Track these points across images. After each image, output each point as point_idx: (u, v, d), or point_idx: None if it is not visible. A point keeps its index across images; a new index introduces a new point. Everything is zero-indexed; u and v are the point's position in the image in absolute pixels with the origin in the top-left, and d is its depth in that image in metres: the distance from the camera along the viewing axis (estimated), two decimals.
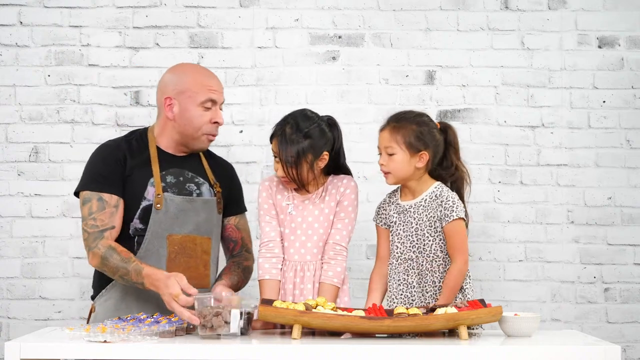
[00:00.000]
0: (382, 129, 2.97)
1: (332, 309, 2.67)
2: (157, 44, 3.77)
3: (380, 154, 2.97)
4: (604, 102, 3.78)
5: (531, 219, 3.77)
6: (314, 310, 2.63)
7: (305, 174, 2.96)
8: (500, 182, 3.78)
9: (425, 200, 2.95)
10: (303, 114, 3.01)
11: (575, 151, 3.77)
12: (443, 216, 2.90)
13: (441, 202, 2.92)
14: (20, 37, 3.75)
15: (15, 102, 3.75)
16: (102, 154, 3.01)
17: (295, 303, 2.68)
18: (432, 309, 2.67)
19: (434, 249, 2.92)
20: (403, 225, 2.96)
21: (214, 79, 3.03)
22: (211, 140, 3.05)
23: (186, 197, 2.98)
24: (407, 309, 2.66)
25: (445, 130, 3.01)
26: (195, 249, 2.96)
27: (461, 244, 2.90)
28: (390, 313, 2.67)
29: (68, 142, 3.74)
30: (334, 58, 3.79)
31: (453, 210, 2.90)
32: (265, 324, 2.84)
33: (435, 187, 2.96)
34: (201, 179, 3.05)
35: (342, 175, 3.07)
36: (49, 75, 3.74)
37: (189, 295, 2.66)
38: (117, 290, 2.96)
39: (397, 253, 2.97)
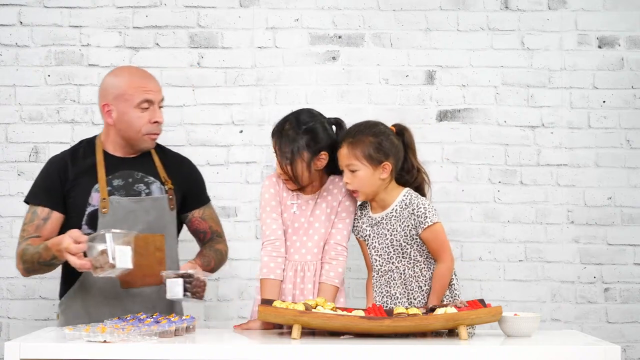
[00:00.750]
0: (339, 148, 2.92)
1: (331, 309, 2.67)
2: (157, 44, 3.77)
3: (342, 171, 2.94)
4: (604, 102, 3.78)
5: (531, 219, 3.77)
6: (313, 310, 2.63)
7: (301, 172, 2.95)
8: (500, 182, 3.78)
9: (396, 210, 2.92)
10: (306, 111, 3.01)
11: (575, 151, 3.77)
12: (417, 224, 2.88)
13: (412, 210, 2.89)
14: (20, 37, 3.75)
15: (15, 102, 3.75)
16: (45, 168, 3.10)
17: (295, 303, 2.68)
18: (432, 309, 2.67)
19: (414, 255, 2.91)
20: (377, 238, 2.95)
21: (149, 79, 3.05)
22: (154, 139, 3.07)
23: (133, 197, 3.01)
24: (406, 309, 2.66)
25: (402, 132, 2.97)
26: (148, 247, 2.97)
27: (443, 245, 2.90)
28: (390, 313, 2.67)
29: (68, 142, 3.74)
30: (334, 58, 3.79)
31: (426, 217, 2.88)
32: (265, 324, 2.84)
33: (404, 196, 2.93)
34: (151, 178, 3.07)
35: (343, 175, 3.07)
36: (49, 75, 3.74)
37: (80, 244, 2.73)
38: (76, 297, 3.01)
39: (377, 266, 2.96)
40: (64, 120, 3.75)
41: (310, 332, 2.72)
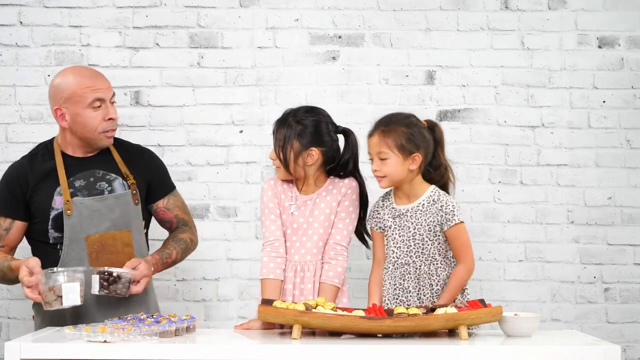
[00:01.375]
0: (370, 135, 2.94)
1: (332, 309, 2.67)
2: (157, 44, 3.77)
3: (371, 159, 2.95)
4: (604, 102, 3.78)
5: (531, 219, 3.77)
6: (314, 310, 2.63)
7: (292, 161, 2.97)
8: (500, 182, 3.78)
9: (423, 204, 2.93)
10: (315, 109, 3.05)
11: (575, 151, 3.77)
12: (444, 221, 2.90)
13: (440, 207, 2.91)
14: (20, 37, 3.75)
15: (15, 102, 3.75)
16: (4, 177, 3.12)
17: (295, 303, 2.68)
18: (432, 309, 2.67)
19: (432, 253, 2.92)
20: (399, 230, 2.95)
21: (97, 78, 3.06)
22: (111, 136, 3.09)
23: (96, 197, 3.02)
24: (407, 308, 2.66)
25: (433, 128, 2.99)
26: (116, 245, 3.00)
27: (465, 245, 2.92)
28: (390, 313, 2.67)
29: None
30: (334, 58, 3.79)
31: (454, 215, 2.90)
32: (265, 324, 2.84)
33: (432, 192, 2.95)
34: (113, 175, 3.08)
35: (341, 177, 3.08)
36: (49, 75, 3.74)
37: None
38: None
39: (393, 258, 2.96)
40: None
41: (310, 332, 2.72)
